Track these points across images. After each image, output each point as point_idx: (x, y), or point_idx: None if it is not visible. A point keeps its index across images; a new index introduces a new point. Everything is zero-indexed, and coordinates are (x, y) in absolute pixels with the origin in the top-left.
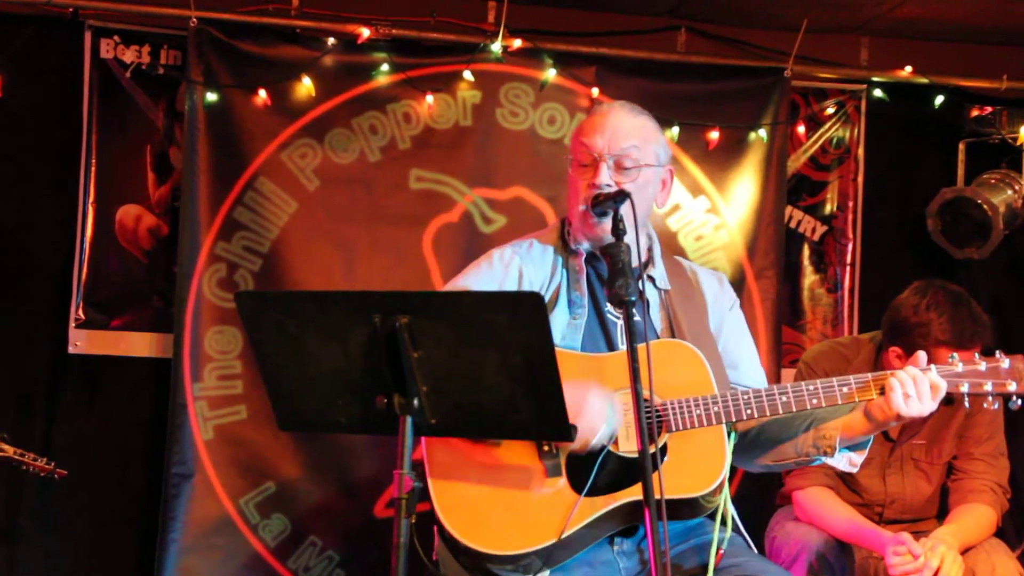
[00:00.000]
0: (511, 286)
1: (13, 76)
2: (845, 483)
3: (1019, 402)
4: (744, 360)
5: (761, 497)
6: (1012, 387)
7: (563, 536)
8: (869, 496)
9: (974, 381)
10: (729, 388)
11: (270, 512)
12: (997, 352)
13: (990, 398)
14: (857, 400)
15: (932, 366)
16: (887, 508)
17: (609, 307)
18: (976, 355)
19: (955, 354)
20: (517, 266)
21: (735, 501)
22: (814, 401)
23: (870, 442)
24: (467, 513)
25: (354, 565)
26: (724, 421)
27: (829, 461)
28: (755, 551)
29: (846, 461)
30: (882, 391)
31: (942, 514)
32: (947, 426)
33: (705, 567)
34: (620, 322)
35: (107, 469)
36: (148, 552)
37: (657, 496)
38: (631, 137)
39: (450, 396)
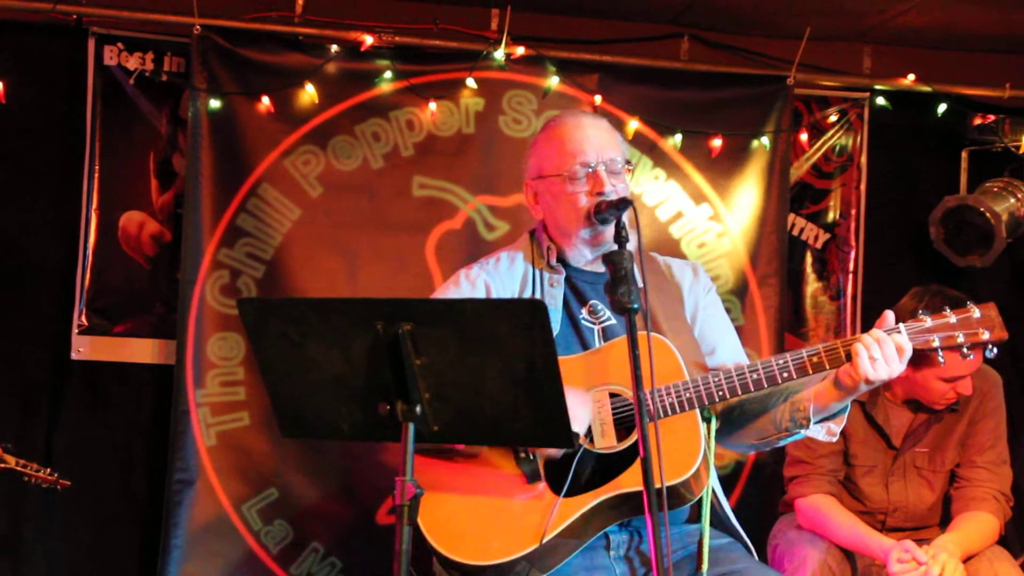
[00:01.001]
0: None
1: (17, 82)
2: (848, 491)
3: (995, 350)
4: (722, 344)
5: (764, 505)
6: (986, 336)
7: (545, 539)
8: (872, 504)
9: (945, 335)
10: (701, 373)
11: (272, 518)
12: (968, 303)
13: (965, 349)
14: (828, 368)
15: (901, 325)
16: (890, 516)
17: (584, 314)
18: (947, 308)
19: (924, 310)
20: (483, 282)
21: (737, 507)
22: (785, 374)
23: (847, 410)
24: (450, 527)
25: (356, 571)
26: (697, 406)
27: (808, 433)
28: (755, 558)
29: (824, 431)
30: (849, 356)
31: (945, 522)
32: (950, 434)
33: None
34: (596, 327)
35: (109, 475)
36: (150, 558)
37: (641, 488)
38: (614, 144)
39: (452, 403)
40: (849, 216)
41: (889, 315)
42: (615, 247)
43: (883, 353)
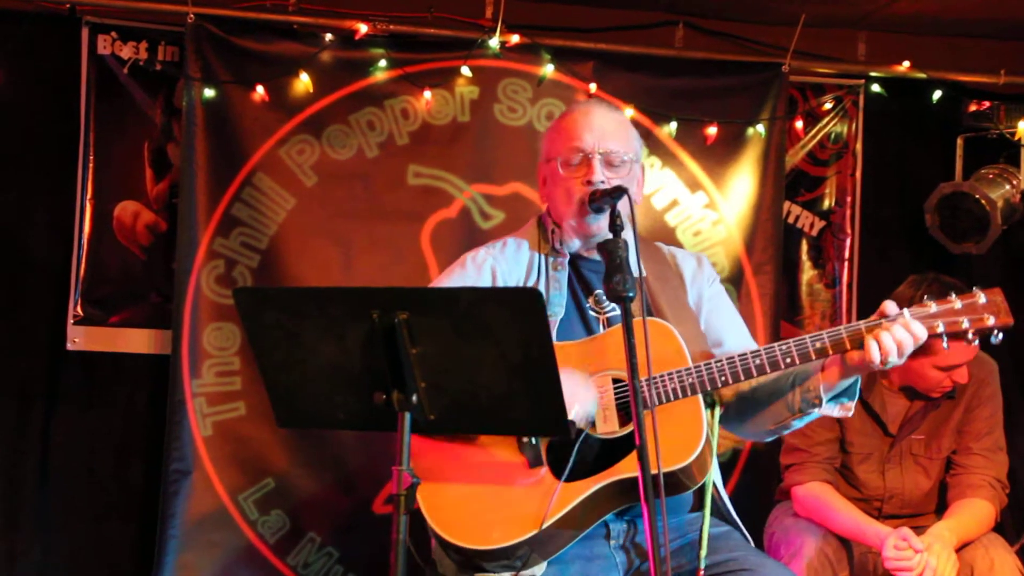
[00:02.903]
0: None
1: (10, 73)
2: (844, 478)
3: (1000, 336)
4: (729, 335)
5: (760, 493)
6: (991, 321)
7: (545, 524)
8: (868, 491)
9: (950, 320)
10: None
11: (269, 508)
12: (974, 287)
13: (970, 335)
14: (832, 354)
15: (905, 311)
16: (886, 503)
17: (590, 303)
18: (952, 295)
19: (929, 296)
20: (490, 266)
21: (733, 496)
22: (788, 360)
23: (858, 383)
24: (452, 511)
25: (353, 561)
26: (699, 392)
27: (823, 411)
28: (752, 545)
29: (838, 408)
30: (859, 345)
31: (941, 509)
32: (946, 421)
33: (696, 564)
34: (601, 317)
35: (106, 465)
36: (147, 548)
37: (645, 476)
38: (617, 133)
39: (448, 392)
40: (844, 203)
41: (891, 304)
42: (609, 236)
43: (894, 339)
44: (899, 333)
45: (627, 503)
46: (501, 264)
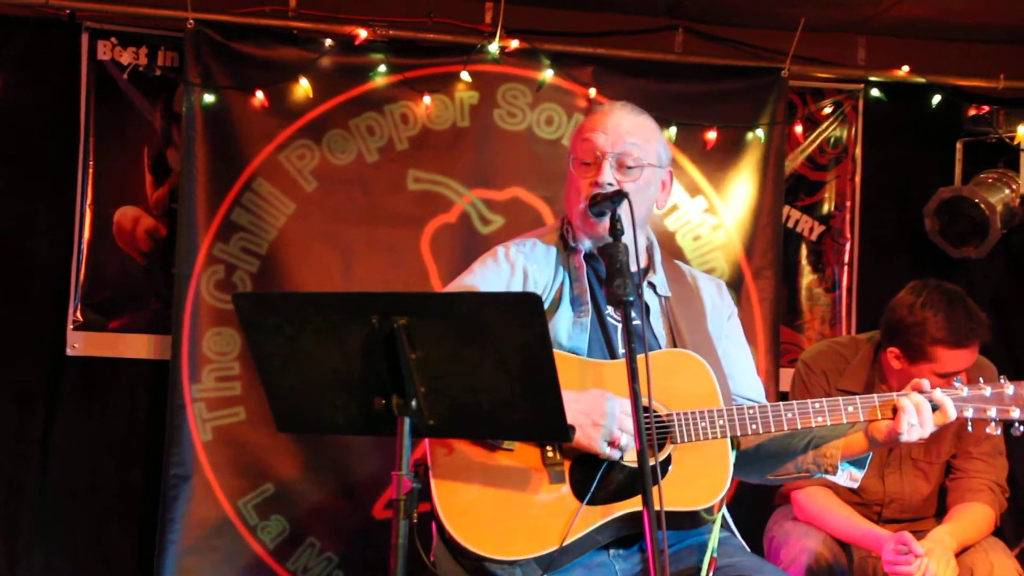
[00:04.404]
0: (517, 286)
1: (10, 78)
2: None
3: (1021, 428)
4: (741, 372)
5: (760, 497)
6: (1016, 413)
7: (565, 544)
8: (868, 496)
9: (978, 406)
10: (733, 402)
11: (269, 513)
12: (1002, 378)
13: (993, 423)
14: (862, 419)
15: (937, 390)
16: (886, 508)
17: (609, 309)
18: (981, 380)
19: (960, 379)
20: (522, 265)
21: (733, 501)
22: (819, 419)
23: (869, 458)
24: (470, 517)
25: (353, 566)
26: (729, 435)
27: (830, 477)
28: (748, 551)
29: (847, 476)
30: (893, 412)
31: (940, 513)
32: (945, 425)
33: (700, 566)
34: (620, 325)
35: (106, 471)
36: (147, 554)
37: (656, 508)
38: (633, 136)
39: (448, 397)
40: (844, 208)
41: (924, 381)
42: (611, 241)
43: (921, 418)
44: (926, 409)
45: (641, 530)
46: (532, 266)
